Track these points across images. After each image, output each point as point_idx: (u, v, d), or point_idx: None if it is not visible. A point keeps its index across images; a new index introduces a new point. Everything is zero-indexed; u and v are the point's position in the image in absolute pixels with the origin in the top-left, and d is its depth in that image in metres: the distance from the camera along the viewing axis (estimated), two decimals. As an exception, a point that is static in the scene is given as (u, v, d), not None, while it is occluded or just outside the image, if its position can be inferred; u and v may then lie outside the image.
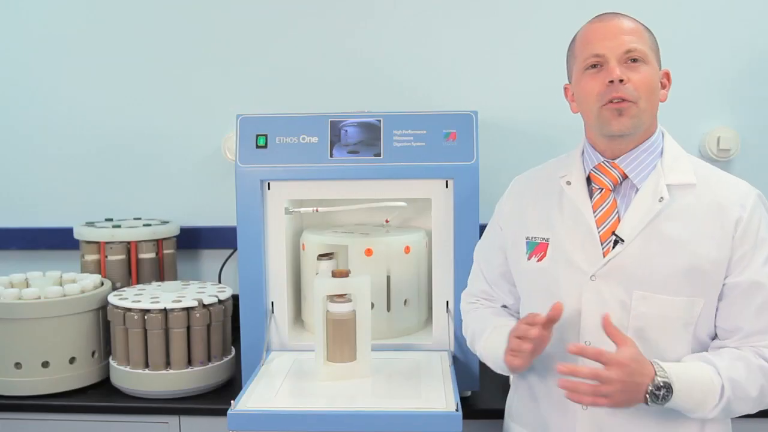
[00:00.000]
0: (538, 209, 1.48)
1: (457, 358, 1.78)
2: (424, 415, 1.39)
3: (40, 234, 2.43)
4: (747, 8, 2.25)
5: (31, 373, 1.83)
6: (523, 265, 1.47)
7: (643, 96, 1.34)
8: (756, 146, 2.29)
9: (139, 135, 2.40)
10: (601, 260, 1.35)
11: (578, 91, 1.41)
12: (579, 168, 1.45)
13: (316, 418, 1.40)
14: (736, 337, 1.33)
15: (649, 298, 1.32)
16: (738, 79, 2.28)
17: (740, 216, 1.32)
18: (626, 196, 1.39)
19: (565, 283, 1.39)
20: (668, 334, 1.33)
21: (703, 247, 1.31)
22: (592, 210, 1.40)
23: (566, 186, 1.44)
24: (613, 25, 1.37)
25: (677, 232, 1.32)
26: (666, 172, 1.37)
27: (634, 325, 1.33)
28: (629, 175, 1.39)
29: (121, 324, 1.84)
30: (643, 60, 1.35)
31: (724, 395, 1.27)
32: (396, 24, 2.33)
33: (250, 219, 1.78)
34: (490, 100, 2.31)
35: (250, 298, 1.79)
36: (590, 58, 1.36)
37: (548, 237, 1.43)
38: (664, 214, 1.34)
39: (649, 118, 1.38)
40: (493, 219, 1.60)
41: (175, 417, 1.82)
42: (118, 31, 2.38)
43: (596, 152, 1.43)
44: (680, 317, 1.32)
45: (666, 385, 1.25)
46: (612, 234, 1.36)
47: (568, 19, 2.27)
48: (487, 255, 1.60)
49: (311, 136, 1.78)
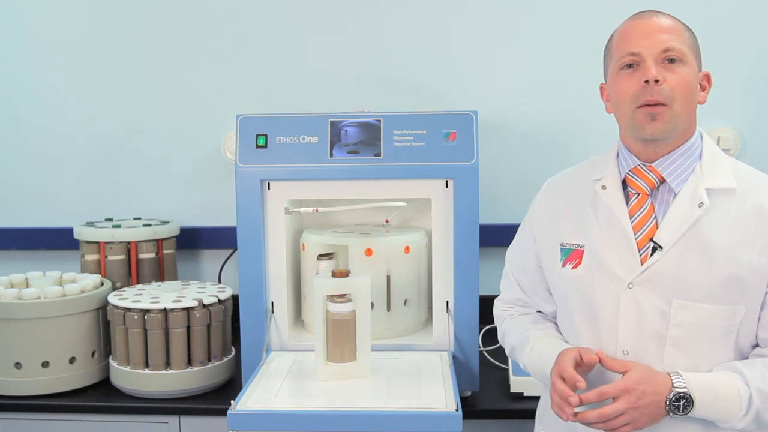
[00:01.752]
0: (572, 214, 1.43)
1: (457, 358, 1.78)
2: (424, 415, 1.39)
3: (40, 234, 2.43)
4: (748, 9, 2.25)
5: (31, 373, 1.83)
6: (558, 272, 1.42)
7: (679, 98, 1.29)
8: (756, 146, 2.29)
9: (139, 135, 2.40)
10: (639, 268, 1.31)
11: (613, 91, 1.36)
12: (614, 171, 1.40)
13: (316, 418, 1.40)
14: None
15: (688, 306, 1.28)
16: (738, 79, 2.28)
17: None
18: (664, 201, 1.34)
19: (601, 291, 1.34)
20: (708, 344, 1.29)
21: (744, 253, 1.26)
22: (628, 216, 1.35)
23: (601, 190, 1.39)
24: (651, 23, 1.32)
25: (718, 238, 1.27)
26: (705, 176, 1.32)
27: (674, 334, 1.29)
28: (667, 179, 1.34)
29: (121, 324, 1.84)
30: (681, 60, 1.30)
31: (753, 405, 1.24)
32: (396, 24, 2.33)
33: (250, 219, 1.78)
34: (490, 100, 2.31)
35: (250, 298, 1.79)
36: (626, 57, 1.32)
37: (583, 243, 1.39)
38: (704, 220, 1.29)
39: (685, 122, 1.33)
40: (525, 223, 1.55)
41: (175, 417, 1.82)
42: (117, 30, 2.38)
43: (632, 155, 1.38)
44: (721, 326, 1.28)
45: (685, 396, 1.23)
46: (650, 240, 1.31)
47: (568, 19, 2.29)
48: (520, 261, 1.55)
49: (311, 136, 1.78)
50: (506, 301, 1.59)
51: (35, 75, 2.41)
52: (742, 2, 2.25)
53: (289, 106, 2.27)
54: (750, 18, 2.26)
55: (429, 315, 1.94)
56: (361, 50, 2.34)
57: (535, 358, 1.43)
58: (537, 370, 1.44)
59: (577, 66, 2.23)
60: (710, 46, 2.26)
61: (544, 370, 1.39)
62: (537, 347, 1.43)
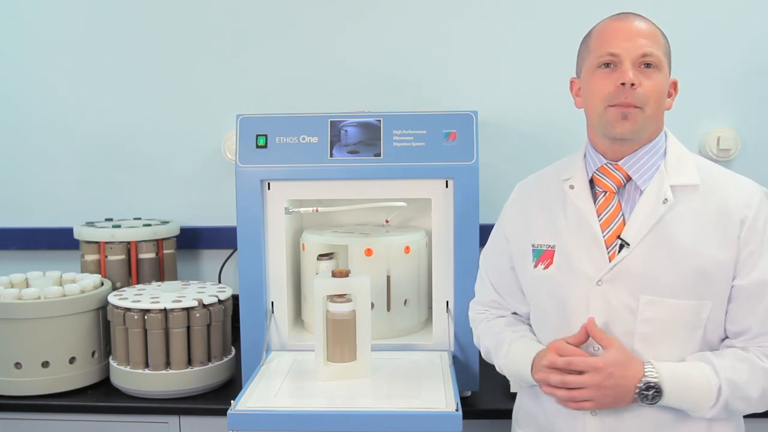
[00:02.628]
0: (543, 215, 1.46)
1: (457, 358, 1.78)
2: (424, 415, 1.39)
3: (40, 234, 2.43)
4: (747, 8, 2.25)
5: (31, 373, 1.83)
6: (530, 273, 1.45)
7: (651, 103, 1.32)
8: (756, 146, 2.29)
9: (140, 135, 2.40)
10: (607, 265, 1.33)
11: (587, 87, 1.39)
12: (581, 171, 1.43)
13: (316, 418, 1.40)
14: (744, 337, 1.31)
15: (656, 302, 1.30)
16: (738, 79, 2.28)
17: (745, 215, 1.30)
18: (630, 198, 1.38)
19: (571, 290, 1.37)
20: (676, 338, 1.31)
21: (709, 249, 1.29)
22: (596, 214, 1.38)
23: (569, 190, 1.42)
24: (633, 26, 1.35)
25: (683, 234, 1.31)
26: (670, 173, 1.35)
27: (642, 329, 1.31)
28: (633, 176, 1.37)
29: (121, 324, 1.84)
30: (657, 66, 1.33)
31: (722, 395, 1.26)
32: (396, 24, 2.33)
33: (250, 219, 1.78)
34: (490, 100, 2.31)
35: (250, 298, 1.79)
36: (604, 56, 1.34)
37: (554, 244, 1.41)
38: (669, 217, 1.32)
39: (653, 125, 1.37)
40: (498, 226, 1.58)
41: (175, 417, 1.82)
42: (117, 30, 2.38)
43: (598, 154, 1.41)
44: (688, 321, 1.30)
45: (655, 386, 1.26)
46: (617, 238, 1.34)
47: (568, 19, 2.28)
48: (494, 263, 1.57)
49: (311, 136, 1.78)
50: (481, 303, 1.62)
51: (35, 75, 2.41)
52: (742, 2, 2.25)
53: (289, 106, 2.27)
54: (750, 18, 2.26)
55: (429, 315, 1.94)
56: (361, 50, 2.34)
57: (511, 360, 1.46)
58: (513, 371, 1.46)
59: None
60: (710, 46, 2.28)
61: (520, 371, 1.42)
62: (512, 349, 1.46)
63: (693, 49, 2.26)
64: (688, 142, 2.26)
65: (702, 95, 2.29)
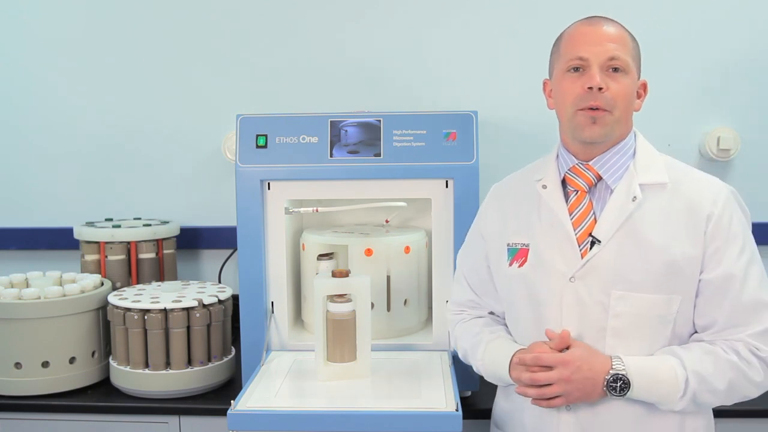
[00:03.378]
0: (517, 215, 1.50)
1: (457, 358, 1.77)
2: (424, 415, 1.39)
3: (40, 234, 2.43)
4: (747, 8, 2.25)
5: (31, 373, 1.83)
6: (505, 272, 1.48)
7: (619, 106, 1.36)
8: (756, 146, 2.29)
9: (140, 135, 2.40)
10: (579, 262, 1.37)
11: (557, 90, 1.43)
12: (554, 171, 1.47)
13: (316, 418, 1.40)
14: (710, 330, 1.35)
15: (626, 297, 1.34)
16: (738, 79, 2.28)
17: (711, 212, 1.34)
18: (601, 197, 1.41)
19: (545, 287, 1.40)
20: (646, 332, 1.34)
21: (677, 244, 1.33)
22: (568, 212, 1.41)
23: (542, 190, 1.46)
24: (601, 30, 1.38)
25: (652, 230, 1.34)
26: (639, 172, 1.39)
27: (613, 324, 1.34)
28: (603, 176, 1.41)
29: (121, 324, 1.84)
30: (624, 70, 1.36)
31: (689, 388, 1.30)
32: (396, 24, 2.33)
33: (250, 219, 1.78)
34: (490, 100, 2.31)
35: (250, 298, 1.79)
36: (573, 60, 1.38)
37: (528, 242, 1.45)
38: (638, 214, 1.36)
39: (622, 128, 1.40)
40: (475, 226, 1.61)
41: (175, 417, 1.82)
42: (117, 30, 2.38)
43: (570, 154, 1.45)
44: (658, 315, 1.34)
45: (622, 377, 1.30)
46: (589, 235, 1.38)
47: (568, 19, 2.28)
48: (471, 263, 1.60)
49: (311, 136, 1.78)
50: (458, 303, 1.64)
51: (35, 75, 2.41)
52: (742, 2, 2.25)
53: (289, 106, 2.27)
54: (750, 18, 2.26)
55: (429, 315, 1.94)
56: (361, 50, 2.34)
57: (488, 360, 1.48)
58: (490, 371, 1.49)
59: (577, 66, 2.23)
60: (710, 46, 2.28)
61: (498, 371, 1.45)
62: (489, 349, 1.48)
63: (693, 49, 2.27)
64: (688, 142, 2.30)
65: (702, 95, 2.29)
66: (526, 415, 1.45)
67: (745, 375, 1.31)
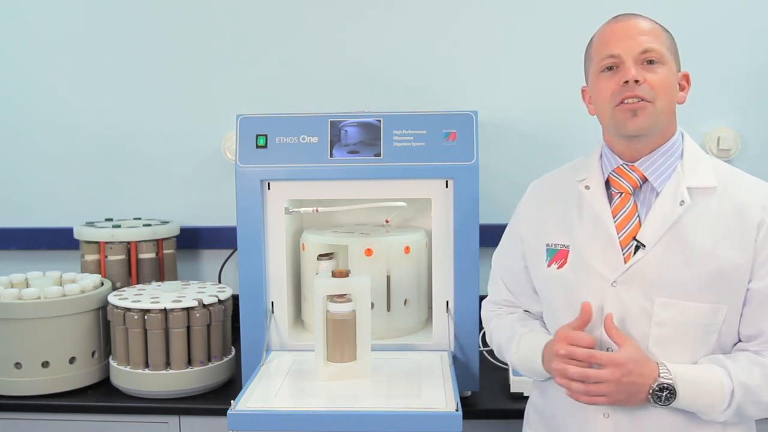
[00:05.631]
0: (557, 215, 1.45)
1: (457, 358, 1.78)
2: (424, 415, 1.39)
3: (40, 234, 2.43)
4: (747, 8, 2.25)
5: (31, 373, 1.83)
6: (544, 273, 1.44)
7: (661, 96, 1.31)
8: (756, 146, 2.29)
9: (140, 135, 2.40)
10: (623, 266, 1.32)
11: (594, 92, 1.39)
12: (597, 172, 1.42)
13: (316, 418, 1.40)
14: (757, 341, 1.30)
15: (671, 304, 1.29)
16: (738, 79, 2.28)
17: (762, 219, 1.28)
18: (646, 200, 1.36)
19: (586, 290, 1.35)
20: (690, 341, 1.30)
21: (725, 252, 1.28)
22: (611, 215, 1.36)
23: (585, 190, 1.41)
24: (630, 25, 1.34)
25: (699, 237, 1.29)
26: (686, 175, 1.34)
27: (656, 332, 1.30)
28: (649, 178, 1.36)
29: (121, 324, 1.84)
30: (660, 61, 1.32)
31: (734, 399, 1.25)
32: (396, 24, 2.33)
33: (250, 219, 1.78)
34: (490, 100, 2.31)
35: (250, 298, 1.79)
36: (606, 59, 1.34)
37: (568, 243, 1.40)
38: (686, 219, 1.30)
39: (667, 120, 1.35)
40: (512, 226, 1.57)
41: (175, 417, 1.82)
42: (117, 31, 2.38)
43: (614, 155, 1.40)
44: (703, 324, 1.29)
45: (669, 387, 1.25)
46: (633, 239, 1.33)
47: (568, 18, 2.29)
48: (507, 263, 1.56)
49: (311, 136, 1.78)
50: (494, 303, 1.61)
51: (35, 75, 2.41)
52: (742, 2, 2.25)
53: (289, 106, 2.27)
54: (750, 18, 2.26)
55: (429, 315, 1.94)
56: (361, 50, 2.34)
57: (523, 352, 1.45)
58: (525, 364, 1.45)
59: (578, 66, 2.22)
60: (710, 46, 2.28)
61: (533, 363, 1.41)
62: (524, 341, 1.45)
63: (693, 49, 2.25)
64: (688, 142, 2.29)
65: (702, 95, 2.28)
66: (561, 418, 1.41)
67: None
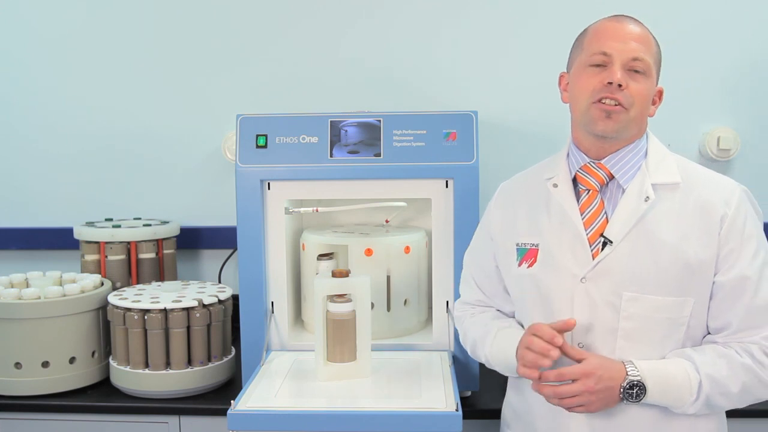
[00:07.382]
0: (526, 215, 1.48)
1: (457, 358, 1.78)
2: (424, 415, 1.39)
3: (40, 234, 2.43)
4: (747, 8, 2.25)
5: (31, 373, 1.83)
6: (514, 272, 1.47)
7: (637, 105, 1.35)
8: (756, 146, 2.29)
9: (140, 135, 2.40)
10: (591, 262, 1.36)
11: (575, 83, 1.41)
12: (565, 170, 1.45)
13: (316, 418, 1.40)
14: (724, 333, 1.34)
15: (638, 298, 1.32)
16: (738, 79, 2.28)
17: (725, 213, 1.32)
18: (613, 196, 1.40)
19: (555, 288, 1.39)
20: (659, 335, 1.33)
21: (690, 246, 1.32)
22: (579, 212, 1.40)
23: (553, 188, 1.44)
24: (627, 29, 1.36)
25: (664, 231, 1.33)
26: (651, 172, 1.38)
27: (624, 326, 1.33)
28: (615, 175, 1.39)
29: (121, 324, 1.84)
30: (646, 72, 1.35)
31: (702, 391, 1.29)
32: (396, 24, 2.33)
33: (250, 219, 1.78)
34: (490, 100, 2.31)
35: (250, 298, 1.79)
36: (596, 55, 1.36)
37: (537, 242, 1.43)
38: (651, 215, 1.34)
39: (635, 128, 1.39)
40: (482, 227, 1.60)
41: (175, 417, 1.82)
42: (117, 31, 2.38)
43: (581, 153, 1.43)
44: (670, 317, 1.33)
45: (638, 384, 1.28)
46: (600, 236, 1.36)
47: (568, 18, 2.28)
48: (479, 263, 1.59)
49: (311, 136, 1.78)
50: (467, 303, 1.63)
51: (35, 75, 2.41)
52: (741, 2, 2.25)
53: (289, 106, 2.27)
54: (749, 18, 2.26)
55: (429, 315, 1.94)
56: (361, 50, 2.34)
57: (497, 348, 1.46)
58: (500, 359, 1.47)
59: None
60: (710, 46, 2.28)
61: (508, 358, 1.42)
62: (499, 337, 1.47)
63: (693, 49, 2.26)
64: (688, 142, 2.29)
65: (702, 95, 2.29)
66: (537, 418, 1.44)
67: (759, 378, 1.30)
